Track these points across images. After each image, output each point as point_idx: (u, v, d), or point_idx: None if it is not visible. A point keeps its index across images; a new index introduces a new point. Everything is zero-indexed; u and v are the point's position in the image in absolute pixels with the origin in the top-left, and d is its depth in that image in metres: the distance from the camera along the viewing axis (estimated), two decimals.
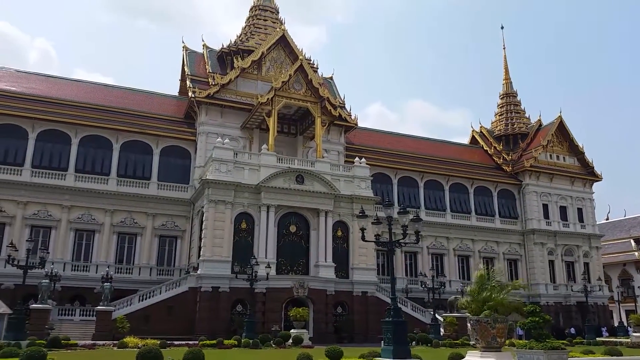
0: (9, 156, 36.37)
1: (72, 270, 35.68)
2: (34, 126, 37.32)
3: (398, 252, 43.36)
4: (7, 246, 29.21)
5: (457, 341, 26.89)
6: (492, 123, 60.10)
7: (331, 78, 51.42)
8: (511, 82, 59.94)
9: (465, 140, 61.27)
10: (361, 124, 47.57)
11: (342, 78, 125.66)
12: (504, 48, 61.47)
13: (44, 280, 28.81)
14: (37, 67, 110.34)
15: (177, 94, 48.84)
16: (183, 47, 47.50)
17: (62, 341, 20.86)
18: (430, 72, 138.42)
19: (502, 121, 58.54)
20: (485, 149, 56.74)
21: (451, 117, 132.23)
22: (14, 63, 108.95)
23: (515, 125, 57.36)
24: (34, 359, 13.08)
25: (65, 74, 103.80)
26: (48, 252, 30.63)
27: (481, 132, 59.09)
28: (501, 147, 55.90)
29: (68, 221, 36.59)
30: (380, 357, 15.15)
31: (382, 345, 16.31)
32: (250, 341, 22.94)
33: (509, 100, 59.47)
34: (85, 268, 36.29)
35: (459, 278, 46.54)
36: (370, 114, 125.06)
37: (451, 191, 49.44)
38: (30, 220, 35.79)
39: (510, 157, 54.12)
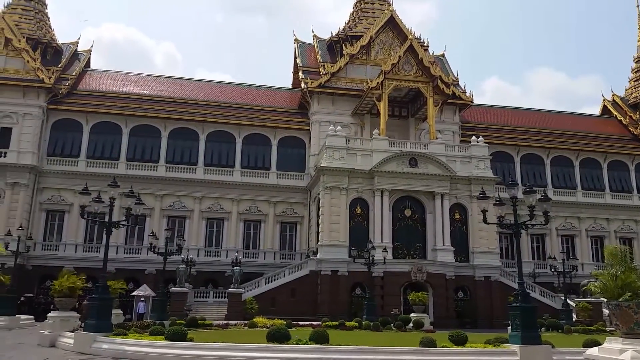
0: (145, 154, 40.25)
1: (205, 255, 38.72)
2: (165, 125, 40.83)
3: (524, 235, 40.70)
4: (148, 235, 32.40)
5: (592, 327, 24.97)
6: (626, 90, 54.38)
7: (443, 55, 49.85)
8: None
9: (596, 110, 56.22)
10: (477, 100, 45.68)
11: (454, 54, 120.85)
12: (638, 6, 55.15)
13: (181, 266, 31.64)
14: (164, 69, 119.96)
15: (290, 86, 50.50)
16: (294, 40, 48.90)
17: (199, 321, 22.65)
18: (554, 38, 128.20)
19: (637, 87, 52.73)
20: (619, 119, 51.53)
21: (581, 86, 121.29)
22: (143, 67, 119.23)
23: None
24: (176, 336, 14.47)
25: (189, 74, 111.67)
26: (184, 240, 33.45)
27: (614, 100, 53.76)
28: (638, 116, 50.43)
29: (200, 211, 39.69)
30: (507, 342, 14.61)
31: (510, 330, 15.72)
32: (371, 324, 23.25)
33: None
34: (216, 254, 39.20)
35: (593, 261, 43.07)
36: (487, 89, 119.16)
37: (582, 167, 45.80)
38: (167, 212, 39.36)
39: None
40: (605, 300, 10.87)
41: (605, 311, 29.99)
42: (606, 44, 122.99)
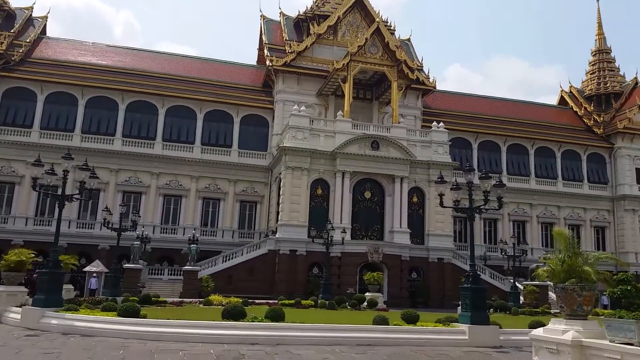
0: (101, 126, 38.96)
1: (161, 232, 38.08)
2: (123, 98, 39.58)
3: (477, 219, 42.14)
4: (102, 210, 31.48)
5: (538, 309, 26.06)
6: (582, 82, 56.17)
7: (408, 40, 50.08)
8: (605, 38, 55.38)
9: (555, 100, 57.89)
10: (440, 86, 46.18)
11: (420, 39, 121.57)
12: (598, 0, 56.74)
13: (135, 242, 31.05)
14: (123, 40, 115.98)
15: (255, 63, 49.72)
16: (261, 16, 48.03)
17: (153, 298, 22.37)
18: (517, 28, 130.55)
19: (593, 80, 54.51)
20: (574, 110, 53.31)
21: (542, 75, 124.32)
22: (102, 37, 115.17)
23: (608, 84, 53.22)
24: (129, 313, 14.23)
25: (149, 46, 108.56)
26: (139, 216, 32.68)
27: (571, 92, 55.47)
28: (592, 107, 52.25)
29: (157, 187, 38.90)
30: (457, 322, 15.07)
31: (459, 311, 16.20)
32: (327, 302, 23.55)
33: (602, 57, 55.10)
34: (173, 231, 38.62)
35: (542, 246, 44.74)
36: (449, 76, 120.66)
37: (536, 155, 47.20)
38: (122, 187, 38.40)
39: (601, 119, 50.53)
40: (551, 284, 11.33)
41: (551, 294, 31.34)
42: (570, 34, 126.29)
